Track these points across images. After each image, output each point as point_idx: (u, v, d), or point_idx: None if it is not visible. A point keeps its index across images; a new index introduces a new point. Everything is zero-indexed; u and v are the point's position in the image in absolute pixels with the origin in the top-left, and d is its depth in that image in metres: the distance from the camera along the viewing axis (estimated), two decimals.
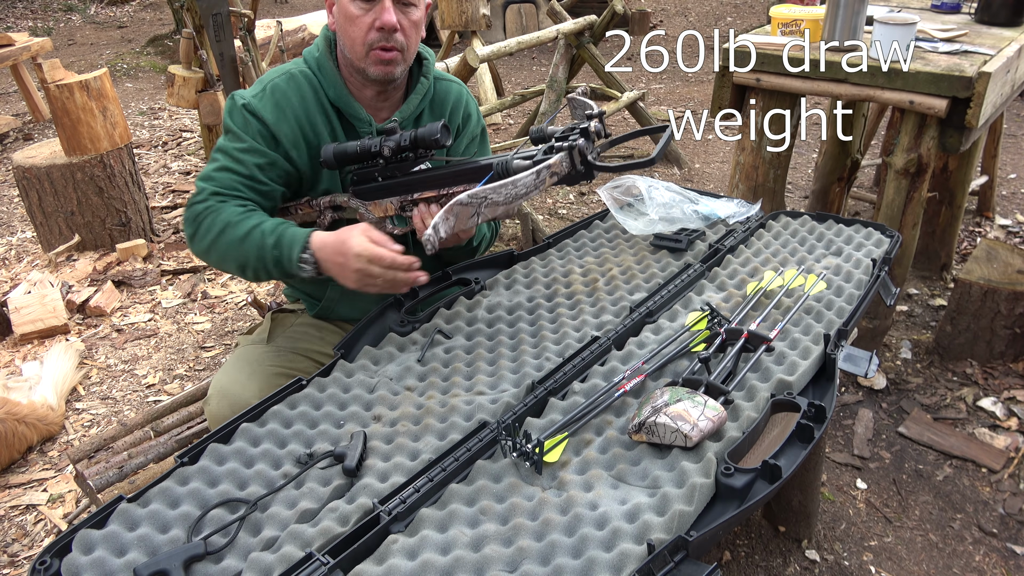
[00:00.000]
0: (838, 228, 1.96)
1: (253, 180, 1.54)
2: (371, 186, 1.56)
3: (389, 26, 1.48)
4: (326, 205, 1.63)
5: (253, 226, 1.48)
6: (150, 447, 1.95)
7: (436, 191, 1.50)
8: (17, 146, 5.47)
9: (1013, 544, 2.09)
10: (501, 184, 1.30)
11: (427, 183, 1.51)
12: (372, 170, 1.55)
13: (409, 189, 1.52)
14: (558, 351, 1.52)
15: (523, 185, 1.31)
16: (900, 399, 2.63)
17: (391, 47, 1.51)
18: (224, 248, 1.49)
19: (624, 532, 1.07)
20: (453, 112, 1.73)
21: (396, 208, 1.55)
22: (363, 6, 1.49)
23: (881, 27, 2.32)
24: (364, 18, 1.49)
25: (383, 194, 1.55)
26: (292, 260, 1.46)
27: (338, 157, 1.52)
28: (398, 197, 1.54)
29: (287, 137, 1.56)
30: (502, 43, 4.08)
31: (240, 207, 1.51)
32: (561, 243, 1.97)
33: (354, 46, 1.53)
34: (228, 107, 1.58)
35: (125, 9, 10.29)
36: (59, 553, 1.08)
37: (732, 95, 2.63)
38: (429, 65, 1.68)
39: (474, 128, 1.78)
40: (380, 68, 1.53)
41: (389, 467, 1.24)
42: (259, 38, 4.61)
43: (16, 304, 3.19)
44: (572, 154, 1.38)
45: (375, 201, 1.57)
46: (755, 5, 8.92)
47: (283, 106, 1.56)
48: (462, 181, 1.47)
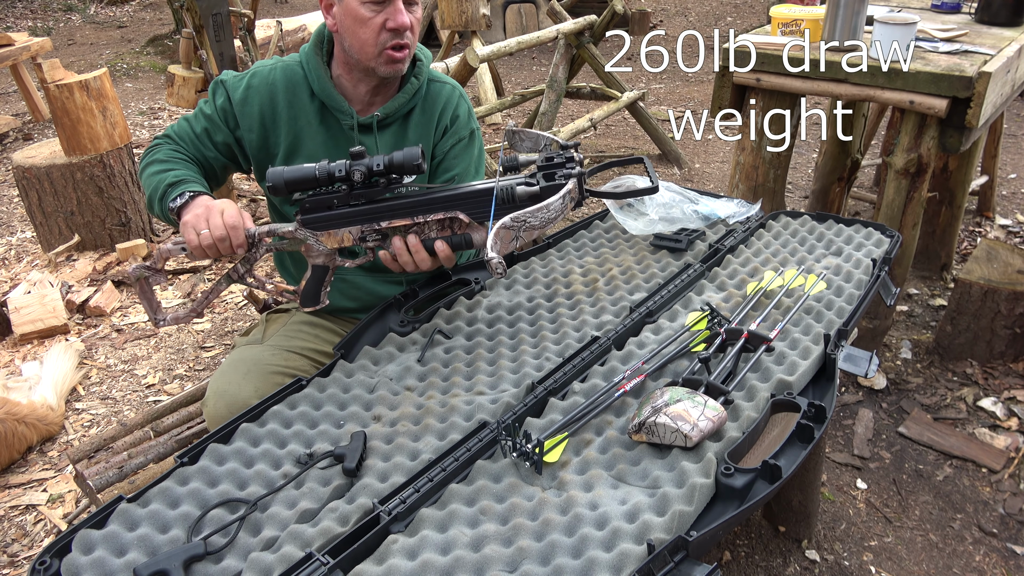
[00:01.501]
0: (838, 228, 1.96)
1: (200, 142, 1.66)
2: (328, 215, 1.42)
3: (404, 27, 1.53)
4: (262, 236, 1.46)
5: (169, 168, 1.56)
6: (150, 447, 1.95)
7: (410, 219, 1.39)
8: (17, 146, 5.47)
9: (1013, 544, 2.09)
10: (537, 208, 1.29)
11: (398, 211, 1.40)
12: (330, 196, 1.41)
13: (375, 217, 1.40)
14: (558, 351, 1.52)
15: (554, 209, 1.31)
16: (900, 399, 2.62)
17: (404, 44, 1.56)
18: (145, 177, 1.59)
19: (624, 532, 1.07)
20: (442, 112, 1.74)
21: (355, 239, 1.43)
22: (374, 8, 1.52)
23: (881, 27, 2.32)
24: (375, 19, 1.52)
25: (342, 223, 1.42)
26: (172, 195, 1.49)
27: (291, 184, 1.37)
28: (359, 226, 1.42)
29: (246, 117, 1.65)
30: (502, 43, 4.08)
31: (179, 154, 1.62)
32: (561, 243, 1.97)
33: (364, 47, 1.55)
34: (214, 79, 1.70)
35: (125, 9, 10.29)
36: (59, 553, 1.08)
37: (732, 95, 2.63)
38: (422, 66, 1.71)
39: (461, 129, 1.77)
40: (391, 67, 1.58)
41: (389, 467, 1.24)
42: (259, 38, 4.61)
43: (16, 304, 3.18)
44: (581, 180, 1.39)
45: (329, 231, 1.43)
46: (755, 5, 8.93)
47: (253, 89, 1.65)
48: (437, 209, 1.38)
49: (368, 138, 1.66)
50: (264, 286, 1.54)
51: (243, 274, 1.50)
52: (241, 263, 1.49)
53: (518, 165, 1.46)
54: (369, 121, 1.65)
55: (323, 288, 1.51)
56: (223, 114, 1.65)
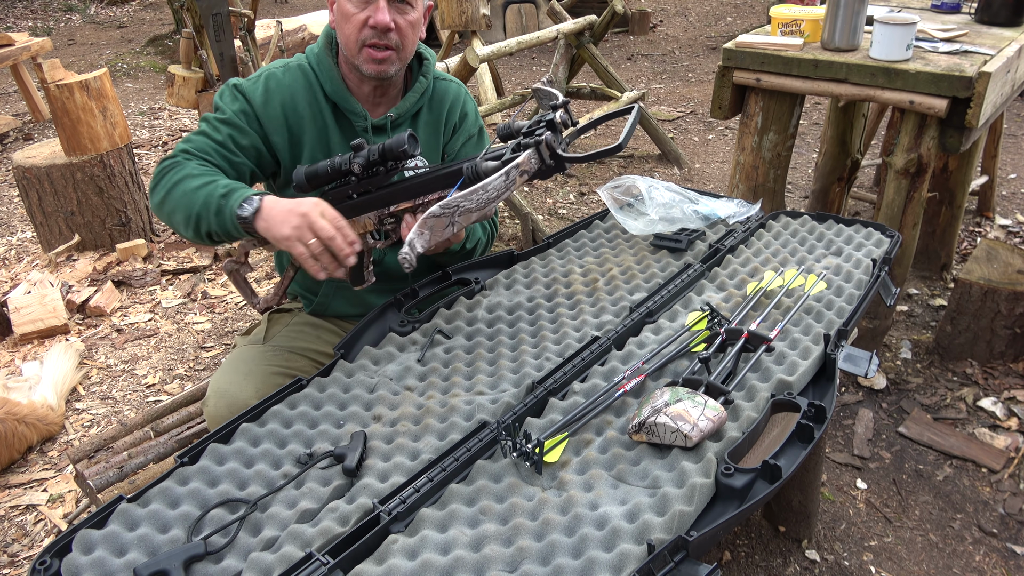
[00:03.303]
0: (838, 228, 1.96)
1: (225, 148, 1.57)
2: (346, 204, 1.50)
3: (382, 25, 1.51)
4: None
5: (211, 180, 1.46)
6: (150, 447, 1.95)
7: (411, 201, 1.47)
8: (17, 146, 5.47)
9: (1013, 544, 2.09)
10: (471, 191, 1.26)
11: (400, 195, 1.47)
12: (346, 188, 1.50)
13: (385, 203, 1.48)
14: (558, 351, 1.52)
15: (494, 188, 1.27)
16: (900, 399, 2.62)
17: (384, 45, 1.54)
18: (178, 197, 1.47)
19: (624, 532, 1.07)
20: (450, 111, 1.74)
21: (375, 223, 1.51)
22: (358, 3, 1.52)
23: (881, 27, 2.32)
24: (359, 15, 1.52)
25: (359, 211, 1.51)
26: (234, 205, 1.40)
27: (310, 178, 1.48)
28: (375, 212, 1.50)
29: (271, 120, 1.61)
30: (502, 43, 4.08)
31: (207, 166, 1.53)
32: (561, 243, 1.97)
33: (348, 42, 1.56)
34: (220, 89, 1.64)
35: (125, 9, 10.29)
36: (59, 553, 1.08)
37: (732, 95, 2.63)
38: (429, 65, 1.70)
39: (471, 127, 1.79)
40: (372, 66, 1.56)
41: (389, 467, 1.24)
42: (259, 38, 4.61)
43: (16, 304, 3.19)
44: (540, 149, 1.32)
45: (352, 219, 1.51)
46: (755, 5, 8.92)
47: (272, 92, 1.61)
48: (434, 188, 1.44)
49: (382, 139, 1.65)
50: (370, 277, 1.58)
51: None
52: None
53: (513, 132, 1.41)
54: (383, 123, 1.65)
55: (366, 268, 1.57)
56: (245, 117, 1.59)
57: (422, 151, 1.72)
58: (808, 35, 2.55)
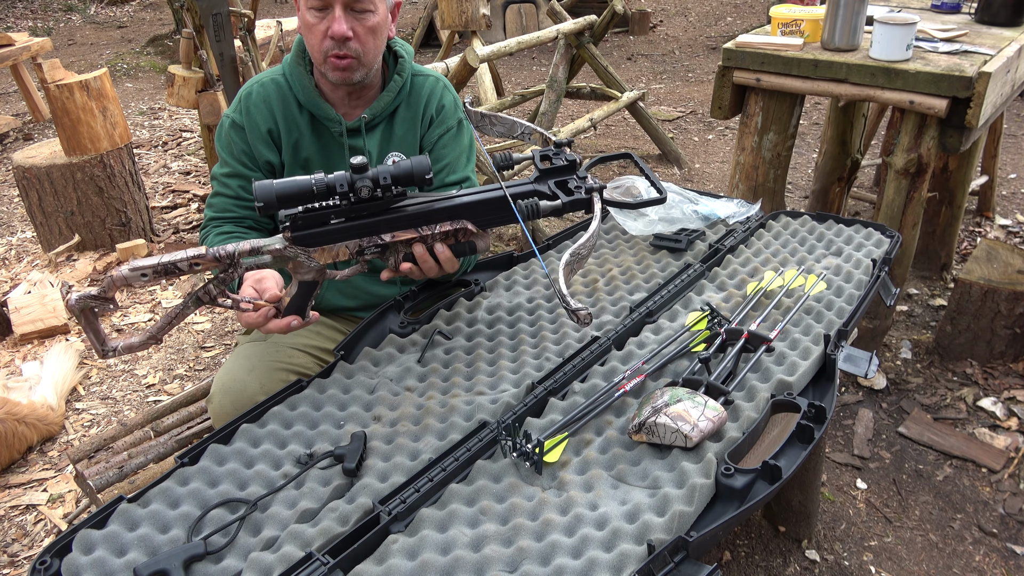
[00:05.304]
0: (838, 228, 1.96)
1: (240, 200, 1.68)
2: (324, 230, 1.28)
3: (339, 36, 1.51)
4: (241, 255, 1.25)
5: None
6: (150, 447, 1.95)
7: (414, 231, 1.31)
8: (17, 146, 5.47)
9: (1013, 544, 2.09)
10: (587, 238, 1.27)
11: (402, 223, 1.31)
12: (326, 212, 1.27)
13: (377, 230, 1.30)
14: (558, 351, 1.52)
15: (594, 235, 1.29)
16: (900, 399, 2.63)
17: (344, 55, 1.54)
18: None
19: (624, 532, 1.07)
20: (427, 104, 1.73)
21: (352, 252, 1.31)
22: (317, 15, 1.52)
23: (881, 27, 2.32)
24: (319, 26, 1.53)
25: (339, 238, 1.29)
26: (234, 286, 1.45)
27: (283, 199, 1.21)
28: (356, 240, 1.30)
29: (264, 143, 1.66)
30: (502, 43, 4.08)
31: (223, 235, 1.64)
32: (561, 243, 1.97)
33: (313, 52, 1.59)
34: (218, 130, 1.70)
35: (125, 9, 10.29)
36: (59, 553, 1.08)
37: (732, 95, 2.64)
38: (404, 63, 1.70)
39: (448, 119, 1.76)
40: (337, 74, 1.58)
41: (389, 467, 1.24)
42: (259, 38, 4.60)
43: (16, 304, 3.19)
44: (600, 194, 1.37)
45: (322, 247, 1.30)
46: (755, 5, 8.92)
47: (252, 112, 1.65)
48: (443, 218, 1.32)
49: (357, 140, 1.67)
50: (239, 304, 1.31)
51: (215, 296, 1.26)
52: (213, 284, 1.25)
53: (512, 164, 1.43)
54: (357, 124, 1.66)
55: (309, 303, 1.36)
56: (247, 157, 1.67)
57: (401, 147, 1.73)
58: (808, 35, 2.55)
